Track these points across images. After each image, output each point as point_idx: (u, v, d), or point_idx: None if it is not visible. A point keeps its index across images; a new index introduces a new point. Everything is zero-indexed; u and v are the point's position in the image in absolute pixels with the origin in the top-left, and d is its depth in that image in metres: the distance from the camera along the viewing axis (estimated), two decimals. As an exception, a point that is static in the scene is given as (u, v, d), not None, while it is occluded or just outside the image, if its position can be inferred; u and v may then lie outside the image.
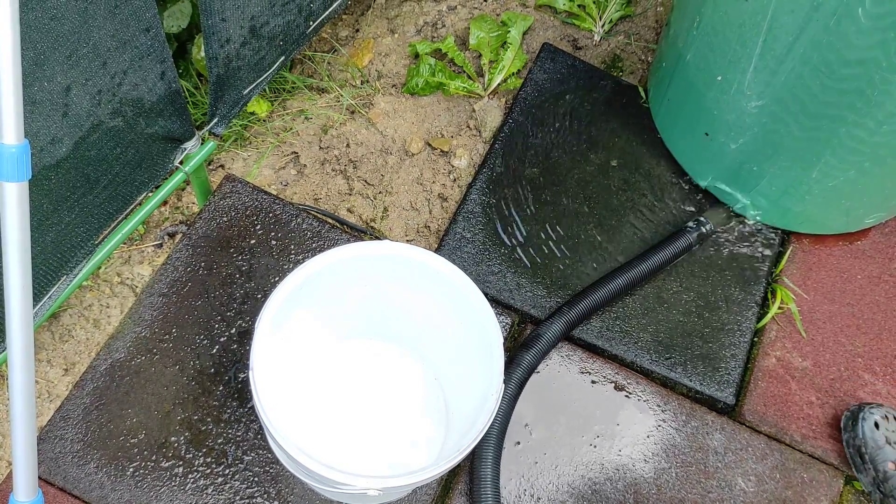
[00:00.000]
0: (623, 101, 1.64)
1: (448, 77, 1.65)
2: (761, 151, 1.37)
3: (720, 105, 1.37)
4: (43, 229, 1.10)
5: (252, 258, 1.39)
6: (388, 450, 1.22)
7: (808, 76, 1.19)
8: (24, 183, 0.75)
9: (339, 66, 1.70)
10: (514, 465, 1.30)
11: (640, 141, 1.60)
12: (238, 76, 1.28)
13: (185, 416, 1.26)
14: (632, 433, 1.34)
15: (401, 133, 1.63)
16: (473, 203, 1.51)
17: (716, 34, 1.30)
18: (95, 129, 1.08)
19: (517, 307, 1.42)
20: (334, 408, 1.24)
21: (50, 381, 1.38)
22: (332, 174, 1.59)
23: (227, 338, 1.32)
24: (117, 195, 1.22)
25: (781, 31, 1.18)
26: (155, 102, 1.16)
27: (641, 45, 1.76)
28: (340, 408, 1.24)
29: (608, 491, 1.30)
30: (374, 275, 1.15)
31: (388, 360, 1.28)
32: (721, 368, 1.40)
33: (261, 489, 1.23)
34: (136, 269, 1.49)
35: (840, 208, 1.44)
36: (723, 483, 1.32)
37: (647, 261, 1.43)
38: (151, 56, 1.09)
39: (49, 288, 1.19)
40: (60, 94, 0.98)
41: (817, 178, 1.36)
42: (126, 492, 1.21)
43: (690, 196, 1.55)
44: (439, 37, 1.74)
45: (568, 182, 1.55)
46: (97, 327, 1.43)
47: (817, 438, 1.37)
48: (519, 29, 1.71)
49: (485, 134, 1.63)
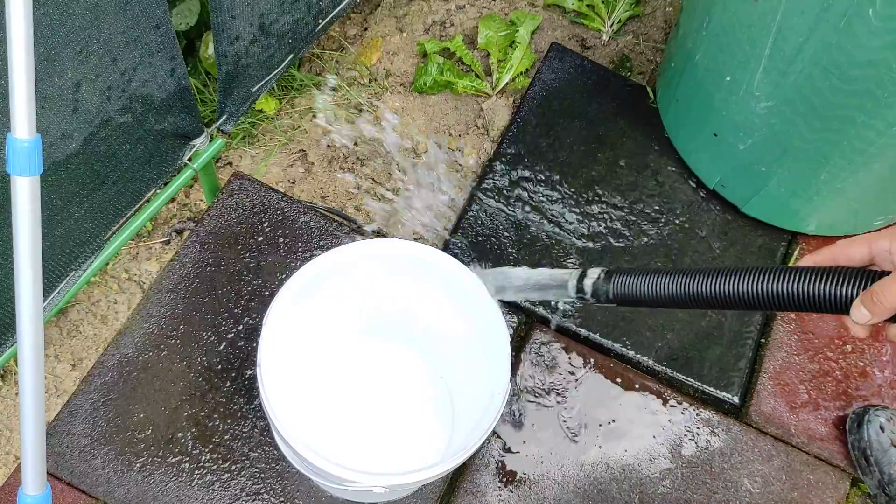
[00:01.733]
0: (631, 102, 1.64)
1: (456, 76, 1.65)
2: (770, 152, 1.37)
3: (729, 106, 1.37)
4: (52, 225, 1.11)
5: (260, 255, 1.39)
6: (395, 447, 1.22)
7: (817, 77, 1.19)
8: (36, 177, 0.75)
9: (348, 64, 1.70)
10: (520, 464, 1.30)
11: (649, 141, 1.60)
12: (247, 73, 1.29)
13: (192, 413, 1.27)
14: (638, 433, 1.34)
15: (409, 131, 1.63)
16: (481, 202, 1.51)
17: (725, 34, 1.30)
18: (105, 125, 1.09)
19: (524, 307, 1.42)
20: (341, 405, 1.24)
21: (57, 377, 1.39)
22: (339, 172, 1.59)
23: (234, 334, 1.33)
24: (126, 191, 1.22)
25: (791, 31, 1.18)
26: (164, 99, 1.16)
27: (650, 46, 1.76)
28: (347, 405, 1.24)
29: (613, 491, 1.30)
30: (382, 273, 1.15)
31: (394, 357, 1.28)
32: (727, 369, 1.40)
33: (267, 486, 1.23)
34: (143, 265, 1.49)
35: (848, 210, 1.43)
36: (729, 484, 1.32)
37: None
38: (161, 53, 1.10)
39: (58, 283, 1.19)
40: (71, 89, 0.99)
41: (826, 179, 1.35)
42: (133, 487, 1.21)
43: (698, 197, 1.55)
44: (448, 36, 1.74)
45: (576, 182, 1.55)
46: (105, 323, 1.43)
47: (824, 440, 1.37)
48: (527, 28, 1.71)
49: (493, 133, 1.63)
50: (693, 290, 0.79)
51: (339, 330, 1.24)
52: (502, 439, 1.32)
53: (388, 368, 1.28)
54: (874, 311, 0.67)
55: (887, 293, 0.66)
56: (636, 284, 0.84)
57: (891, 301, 0.66)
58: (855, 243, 0.72)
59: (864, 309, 0.68)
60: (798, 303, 0.72)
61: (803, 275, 0.72)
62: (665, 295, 0.82)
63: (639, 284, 0.84)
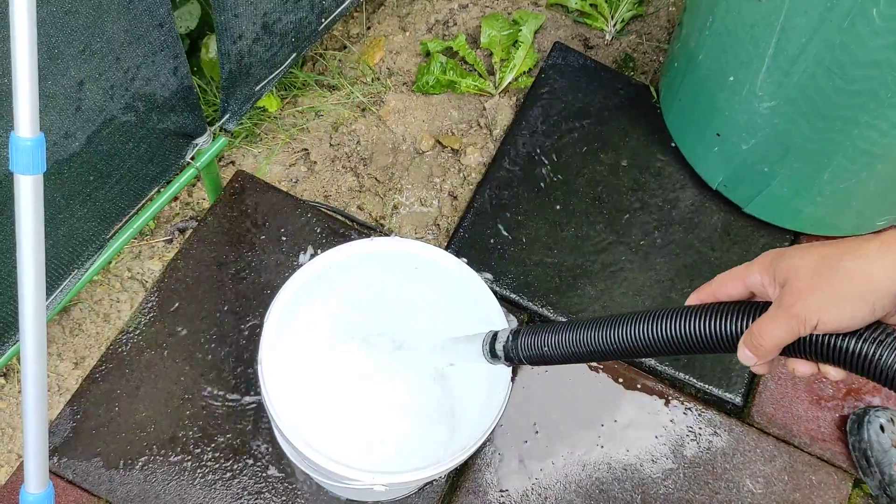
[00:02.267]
0: (634, 101, 1.64)
1: (459, 75, 1.65)
2: (773, 152, 1.37)
3: (732, 105, 1.36)
4: (55, 223, 1.11)
5: (262, 254, 1.39)
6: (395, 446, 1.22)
7: (820, 77, 1.19)
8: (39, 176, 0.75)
9: (351, 63, 1.70)
10: (522, 463, 1.30)
11: (651, 141, 1.60)
12: (250, 72, 1.29)
13: (194, 411, 1.27)
14: (640, 433, 1.34)
15: (411, 131, 1.63)
16: (483, 201, 1.51)
17: (728, 34, 1.30)
18: (108, 123, 1.09)
19: (525, 306, 1.42)
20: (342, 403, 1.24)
21: (60, 375, 1.39)
22: (342, 171, 1.59)
23: (236, 333, 1.33)
24: (129, 190, 1.22)
25: (795, 31, 1.18)
26: (167, 98, 1.16)
27: (653, 45, 1.76)
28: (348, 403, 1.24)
29: (615, 491, 1.30)
30: (383, 271, 1.15)
31: (395, 355, 1.28)
32: (730, 369, 1.40)
33: (269, 485, 1.24)
34: (146, 263, 1.49)
35: (851, 210, 1.43)
36: (731, 484, 1.32)
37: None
38: (164, 51, 1.10)
39: (60, 282, 1.19)
40: (74, 88, 0.99)
41: (829, 179, 1.35)
42: (135, 486, 1.22)
43: (701, 196, 1.55)
44: (451, 35, 1.74)
45: (578, 181, 1.55)
46: (107, 321, 1.43)
47: (826, 441, 1.37)
48: (530, 27, 1.71)
49: (495, 132, 1.63)
50: (589, 342, 0.75)
51: (340, 328, 1.24)
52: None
53: (389, 366, 1.28)
54: (757, 354, 0.62)
55: (765, 335, 0.61)
56: (538, 344, 0.81)
57: (770, 342, 0.60)
58: (729, 280, 0.66)
59: (748, 352, 0.62)
60: (689, 345, 0.67)
61: (690, 315, 0.67)
62: (566, 351, 0.78)
63: (540, 343, 0.81)
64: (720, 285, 0.67)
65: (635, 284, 1.46)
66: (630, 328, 0.72)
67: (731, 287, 0.67)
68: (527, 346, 0.84)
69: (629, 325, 0.72)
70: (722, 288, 0.67)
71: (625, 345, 0.72)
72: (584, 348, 0.77)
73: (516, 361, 0.86)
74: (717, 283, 0.68)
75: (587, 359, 0.78)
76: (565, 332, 0.78)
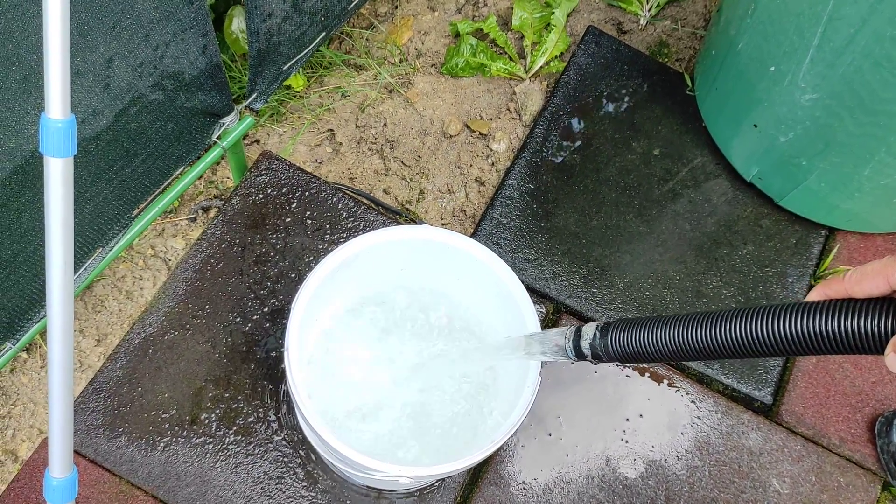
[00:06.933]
0: (668, 89, 1.60)
1: (489, 58, 1.62)
2: (812, 146, 1.33)
3: (772, 96, 1.33)
4: (81, 201, 1.09)
5: (287, 236, 1.37)
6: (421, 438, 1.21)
7: (867, 70, 1.15)
8: (69, 159, 0.74)
9: (378, 43, 1.67)
10: (545, 456, 1.29)
11: (685, 130, 1.56)
12: (278, 51, 1.26)
13: (216, 393, 1.26)
14: (665, 429, 1.32)
15: (439, 114, 1.60)
16: (511, 188, 1.48)
17: (772, 23, 1.26)
18: (136, 101, 1.07)
19: (553, 296, 1.40)
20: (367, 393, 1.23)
21: (82, 351, 1.38)
22: (368, 153, 1.56)
23: (259, 316, 1.31)
24: (155, 169, 1.21)
25: (842, 22, 1.14)
26: (195, 76, 1.14)
27: (689, 32, 1.72)
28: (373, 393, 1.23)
29: (639, 486, 1.28)
30: (412, 258, 1.13)
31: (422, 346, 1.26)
32: (759, 367, 1.37)
33: (290, 470, 1.23)
34: (169, 241, 1.48)
35: (890, 207, 1.39)
36: (757, 483, 1.30)
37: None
38: (194, 29, 1.07)
39: (85, 260, 1.18)
40: (102, 65, 0.97)
41: (869, 175, 1.31)
42: (156, 466, 1.21)
43: (734, 188, 1.52)
44: (481, 16, 1.71)
45: (609, 170, 1.51)
46: (130, 299, 1.42)
47: (855, 442, 1.34)
48: (563, 10, 1.67)
49: (525, 118, 1.60)
50: (703, 339, 0.68)
51: (367, 318, 1.23)
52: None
53: (414, 356, 1.26)
54: None
55: None
56: (635, 340, 0.75)
57: None
58: (867, 275, 0.60)
59: None
60: (822, 344, 0.61)
61: (827, 311, 0.60)
62: (672, 349, 0.72)
63: (638, 339, 0.75)
64: (857, 280, 0.61)
65: (665, 277, 1.43)
66: (754, 323, 0.65)
67: (869, 284, 0.60)
68: (621, 342, 0.77)
69: (754, 319, 0.65)
70: (858, 284, 0.60)
71: (744, 342, 0.66)
72: (695, 345, 0.70)
73: (605, 359, 0.80)
74: (853, 279, 0.61)
75: (694, 357, 0.72)
76: (671, 327, 0.72)
